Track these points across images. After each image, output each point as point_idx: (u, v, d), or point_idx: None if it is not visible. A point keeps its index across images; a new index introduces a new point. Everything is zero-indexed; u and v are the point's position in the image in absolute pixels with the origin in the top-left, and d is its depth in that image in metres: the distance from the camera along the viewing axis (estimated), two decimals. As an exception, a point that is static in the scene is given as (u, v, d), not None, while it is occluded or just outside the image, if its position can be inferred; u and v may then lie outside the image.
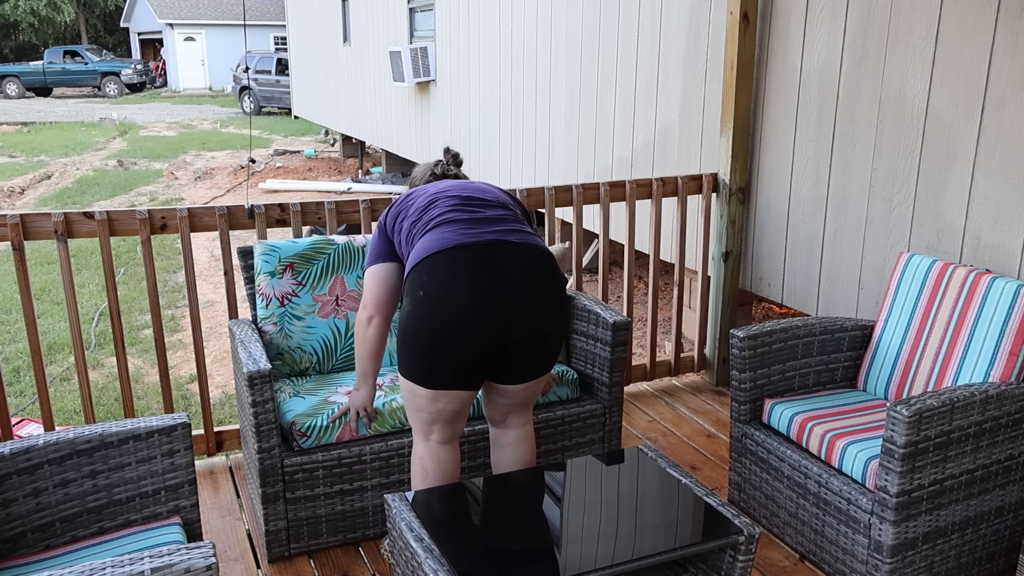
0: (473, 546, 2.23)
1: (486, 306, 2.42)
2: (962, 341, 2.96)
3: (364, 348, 2.78)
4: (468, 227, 2.54)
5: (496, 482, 2.56)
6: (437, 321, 2.42)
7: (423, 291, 2.45)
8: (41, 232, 3.25)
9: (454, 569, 2.13)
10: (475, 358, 2.46)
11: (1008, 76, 3.07)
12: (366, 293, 2.75)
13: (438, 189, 2.74)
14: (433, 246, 2.50)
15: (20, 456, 2.25)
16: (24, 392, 5.75)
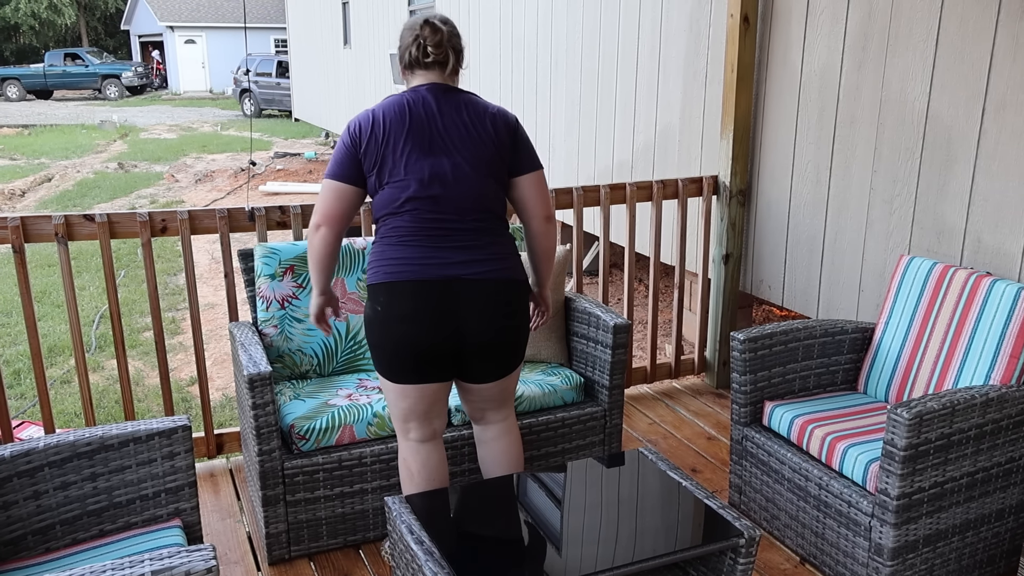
0: (474, 548, 2.23)
1: (438, 333, 2.55)
2: (963, 344, 2.96)
3: (311, 257, 2.65)
4: (432, 253, 2.54)
5: (497, 484, 2.56)
6: (394, 334, 2.56)
7: (382, 308, 2.57)
8: (42, 235, 3.25)
9: (455, 571, 2.13)
10: (429, 358, 2.57)
11: (1009, 78, 3.08)
12: (320, 203, 2.59)
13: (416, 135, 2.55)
14: (396, 272, 2.54)
15: (20, 459, 2.25)
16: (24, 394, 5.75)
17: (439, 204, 2.53)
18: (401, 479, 2.76)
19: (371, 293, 2.60)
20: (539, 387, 3.28)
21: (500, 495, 2.50)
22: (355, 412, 3.02)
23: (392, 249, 2.55)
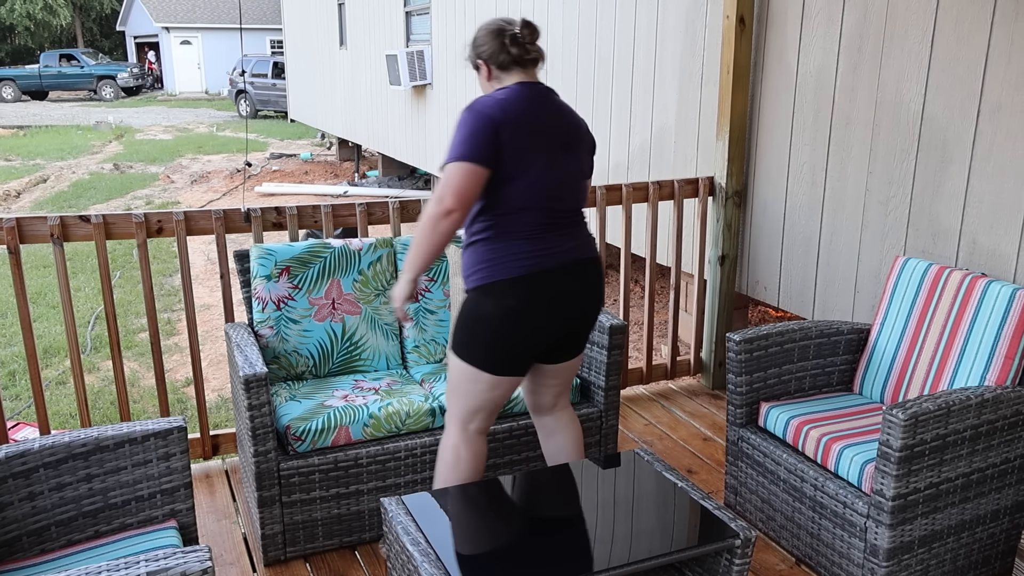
0: (469, 550, 2.23)
1: (572, 316, 2.69)
2: (958, 345, 2.97)
3: (432, 242, 2.54)
4: (557, 242, 2.65)
5: (493, 486, 2.55)
6: (532, 323, 2.63)
7: (518, 302, 2.60)
8: (37, 236, 3.25)
9: (450, 573, 2.13)
10: (554, 344, 2.75)
11: (1004, 80, 3.08)
12: (454, 186, 2.49)
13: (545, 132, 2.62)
14: (526, 265, 2.60)
15: (15, 460, 2.25)
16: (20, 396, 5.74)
17: (562, 201, 2.65)
18: (443, 466, 2.76)
19: (498, 289, 2.59)
20: (535, 388, 3.28)
21: (496, 496, 2.50)
22: (351, 413, 3.02)
23: (521, 244, 2.59)
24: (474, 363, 2.65)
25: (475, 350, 2.64)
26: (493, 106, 2.54)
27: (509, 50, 2.65)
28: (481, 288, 2.62)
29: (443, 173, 2.52)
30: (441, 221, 2.51)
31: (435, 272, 3.51)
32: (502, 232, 2.60)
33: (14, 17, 40.79)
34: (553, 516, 2.39)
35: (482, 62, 2.70)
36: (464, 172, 2.49)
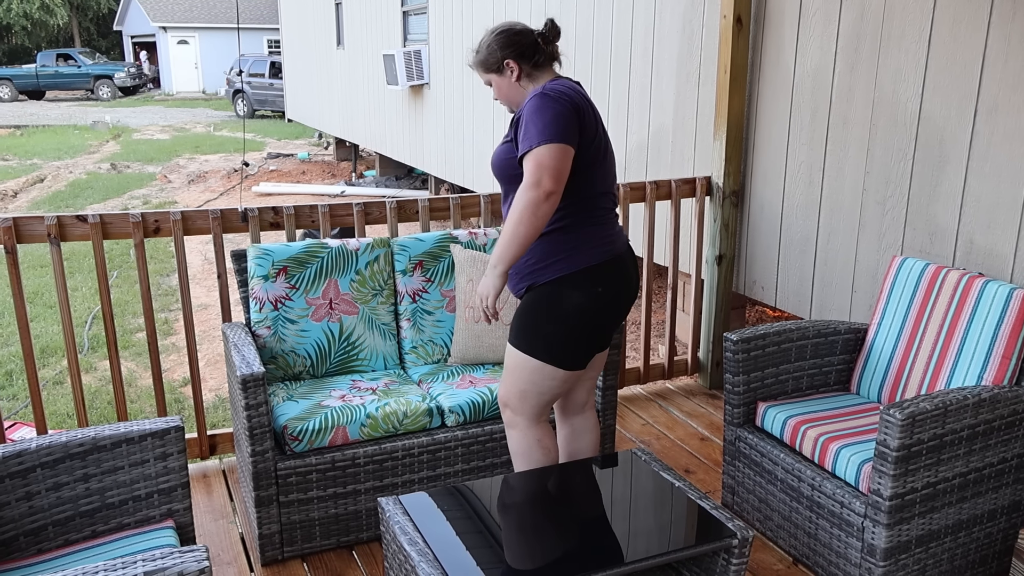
0: (467, 550, 2.23)
1: (627, 306, 2.75)
2: (955, 344, 2.97)
3: (535, 229, 2.48)
4: (616, 226, 2.75)
5: (490, 486, 2.56)
6: (607, 316, 2.67)
7: (604, 288, 2.64)
8: (34, 235, 3.24)
9: (448, 572, 2.13)
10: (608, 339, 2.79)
11: (1000, 80, 3.09)
12: (550, 167, 2.45)
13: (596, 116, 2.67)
14: (608, 250, 2.67)
15: (12, 460, 2.25)
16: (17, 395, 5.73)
17: (616, 187, 2.77)
18: (527, 460, 2.77)
19: (585, 278, 2.61)
20: (532, 388, 3.28)
21: (493, 496, 2.50)
22: (348, 413, 3.02)
23: (599, 229, 2.66)
24: (555, 360, 2.64)
25: (558, 346, 2.63)
26: (568, 91, 2.56)
27: (544, 48, 2.73)
28: (564, 279, 2.61)
29: (534, 156, 2.46)
30: (542, 205, 2.45)
31: (432, 272, 3.51)
32: (582, 219, 2.63)
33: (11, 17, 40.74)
34: (550, 516, 2.39)
35: (512, 62, 2.71)
36: (559, 153, 2.47)
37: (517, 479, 2.59)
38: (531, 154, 2.47)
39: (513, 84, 2.72)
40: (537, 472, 2.64)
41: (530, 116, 2.52)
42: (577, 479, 2.59)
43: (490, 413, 3.20)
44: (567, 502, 2.46)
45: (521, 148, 2.52)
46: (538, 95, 2.54)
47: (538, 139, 2.47)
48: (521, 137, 2.53)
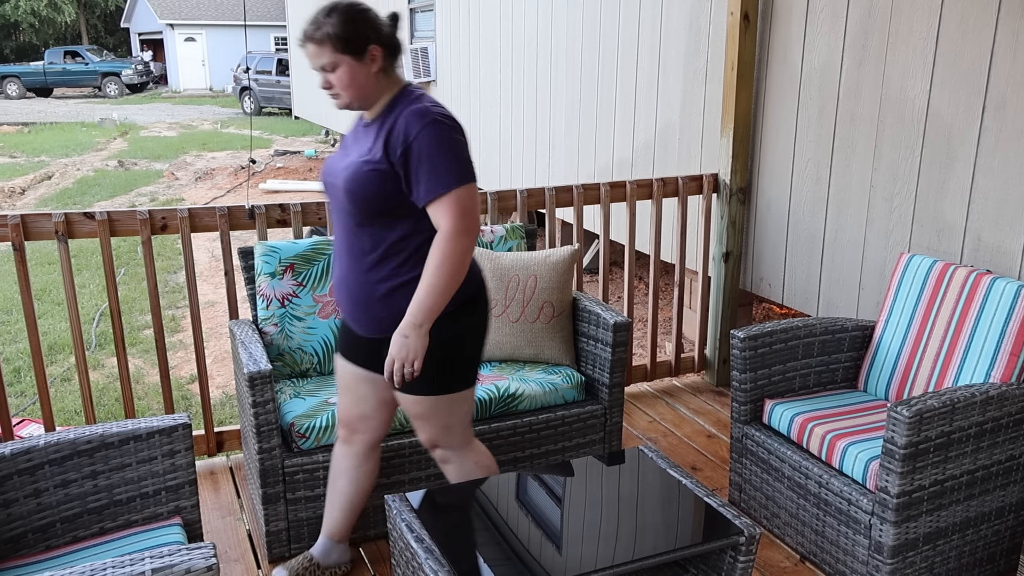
0: (473, 547, 2.23)
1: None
2: (963, 342, 2.96)
3: (462, 267, 2.33)
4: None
5: (496, 482, 2.56)
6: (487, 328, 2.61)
7: (484, 310, 2.57)
8: (42, 232, 3.25)
9: (454, 570, 2.13)
10: None
11: (1009, 76, 3.07)
12: (474, 211, 2.33)
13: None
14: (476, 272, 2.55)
15: (21, 456, 2.26)
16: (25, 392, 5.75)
17: None
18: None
19: (471, 303, 2.50)
20: (540, 386, 3.28)
21: (500, 493, 2.50)
22: (355, 410, 3.02)
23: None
24: (468, 384, 2.56)
25: (467, 371, 2.54)
26: (454, 118, 2.36)
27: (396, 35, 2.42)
28: (464, 306, 2.47)
29: (457, 200, 2.28)
30: (471, 251, 2.34)
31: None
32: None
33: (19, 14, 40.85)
34: (557, 513, 2.39)
35: (377, 50, 2.36)
36: (474, 192, 2.33)
37: (524, 476, 2.59)
38: (450, 197, 2.27)
39: (371, 77, 2.35)
40: (543, 469, 2.64)
41: (437, 150, 2.27)
42: (584, 476, 2.59)
43: (497, 411, 3.20)
44: (574, 499, 2.46)
45: (432, 189, 2.28)
46: (435, 122, 2.28)
47: (458, 179, 2.28)
48: (426, 174, 2.28)
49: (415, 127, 2.28)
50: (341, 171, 2.40)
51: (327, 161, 2.51)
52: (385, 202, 2.34)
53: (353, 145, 2.46)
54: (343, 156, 2.46)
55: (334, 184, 2.43)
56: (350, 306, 2.51)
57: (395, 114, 2.34)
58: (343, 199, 2.38)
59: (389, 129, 2.33)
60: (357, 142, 2.45)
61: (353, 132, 2.52)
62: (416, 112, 2.29)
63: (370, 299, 2.45)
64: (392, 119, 2.34)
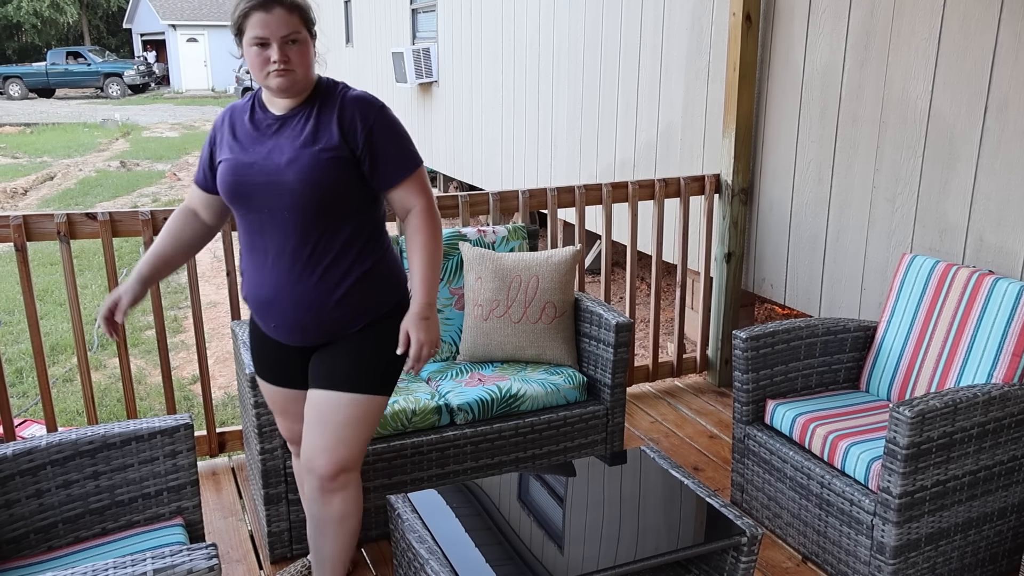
0: (476, 547, 2.23)
1: None
2: (965, 342, 2.96)
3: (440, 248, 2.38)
4: None
5: (499, 483, 2.56)
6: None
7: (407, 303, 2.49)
8: (44, 233, 3.25)
9: (457, 570, 2.13)
10: None
11: (1011, 77, 3.07)
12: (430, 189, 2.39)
13: None
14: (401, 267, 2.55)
15: (23, 457, 2.26)
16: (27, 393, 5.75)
17: None
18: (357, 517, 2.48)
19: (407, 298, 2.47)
20: (542, 386, 3.28)
21: (502, 493, 2.50)
22: (357, 410, 3.02)
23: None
24: (392, 387, 2.46)
25: (396, 373, 2.45)
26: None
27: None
28: (400, 304, 2.43)
29: (421, 177, 2.35)
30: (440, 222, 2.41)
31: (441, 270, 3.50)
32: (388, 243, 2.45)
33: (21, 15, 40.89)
34: (559, 513, 2.39)
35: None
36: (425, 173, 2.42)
37: (526, 476, 2.59)
38: (417, 175, 2.34)
39: (312, 59, 2.32)
40: (545, 469, 2.64)
41: (397, 132, 2.31)
42: (586, 476, 2.59)
43: (499, 411, 3.20)
44: (576, 499, 2.46)
45: (401, 169, 2.31)
46: (384, 107, 2.32)
47: (417, 159, 2.35)
48: (392, 156, 2.30)
49: (371, 111, 2.28)
50: (287, 166, 2.22)
51: (235, 163, 2.29)
52: (344, 192, 2.26)
53: (267, 139, 2.28)
54: (266, 152, 2.26)
55: (276, 182, 2.23)
56: (292, 319, 2.34)
57: (332, 102, 2.29)
58: (294, 196, 2.23)
59: (338, 116, 2.27)
60: (272, 136, 2.28)
61: (248, 127, 2.33)
62: (362, 97, 2.31)
63: (323, 306, 2.32)
64: (331, 107, 2.29)
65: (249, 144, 2.30)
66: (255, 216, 2.30)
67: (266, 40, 2.19)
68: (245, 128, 2.33)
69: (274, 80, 2.21)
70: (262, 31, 2.19)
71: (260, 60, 2.20)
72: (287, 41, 2.21)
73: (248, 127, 2.32)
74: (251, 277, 2.38)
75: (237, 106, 2.40)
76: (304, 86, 2.29)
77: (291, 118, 2.30)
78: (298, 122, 2.28)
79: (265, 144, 2.28)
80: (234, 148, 2.31)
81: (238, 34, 2.25)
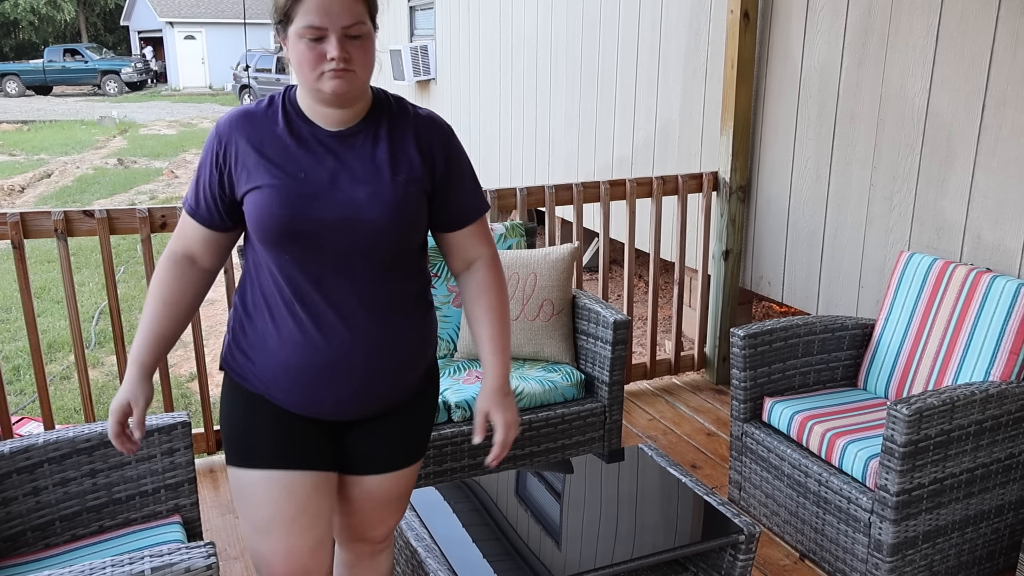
0: (474, 545, 2.23)
1: None
2: (962, 340, 2.96)
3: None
4: None
5: (496, 481, 2.56)
6: None
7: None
8: (41, 230, 3.25)
9: (455, 568, 2.13)
10: None
11: (1009, 75, 3.07)
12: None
13: None
14: None
15: (20, 455, 2.25)
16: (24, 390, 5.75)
17: None
18: None
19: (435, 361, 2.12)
20: (539, 384, 3.28)
21: (500, 492, 2.50)
22: (355, 408, 3.02)
23: None
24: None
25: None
26: None
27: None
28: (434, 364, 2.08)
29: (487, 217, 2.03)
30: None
31: (439, 267, 3.50)
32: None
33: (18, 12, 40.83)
34: (557, 511, 2.39)
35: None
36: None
37: (524, 474, 2.59)
38: (487, 217, 2.01)
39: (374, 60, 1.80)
40: (543, 467, 2.64)
41: (470, 165, 1.96)
42: (584, 474, 2.59)
43: (496, 408, 3.19)
44: (574, 497, 2.46)
45: (479, 206, 1.97)
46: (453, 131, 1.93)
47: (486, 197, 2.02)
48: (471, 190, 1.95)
49: (448, 137, 1.91)
50: (369, 200, 1.77)
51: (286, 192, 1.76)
52: (424, 232, 1.92)
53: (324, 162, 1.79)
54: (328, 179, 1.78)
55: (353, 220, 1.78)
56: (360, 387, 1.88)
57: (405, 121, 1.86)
58: (377, 238, 1.80)
59: (416, 140, 1.85)
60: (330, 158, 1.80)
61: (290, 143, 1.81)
62: (434, 118, 1.91)
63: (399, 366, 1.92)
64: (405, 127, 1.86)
65: (297, 167, 1.78)
66: (312, 262, 1.80)
67: (323, 31, 1.69)
68: (284, 144, 1.80)
69: (330, 82, 1.72)
70: (319, 19, 1.68)
71: (313, 56, 1.71)
72: (349, 34, 1.71)
73: (289, 143, 1.80)
74: (290, 342, 1.85)
75: (255, 113, 1.85)
76: (361, 93, 1.81)
77: (352, 136, 1.82)
78: (364, 142, 1.82)
79: (324, 168, 1.79)
80: (274, 172, 1.78)
81: (282, 21, 1.76)
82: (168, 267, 1.92)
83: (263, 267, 1.86)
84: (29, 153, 17.47)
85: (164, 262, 1.92)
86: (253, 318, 1.90)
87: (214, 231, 1.90)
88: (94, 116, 24.24)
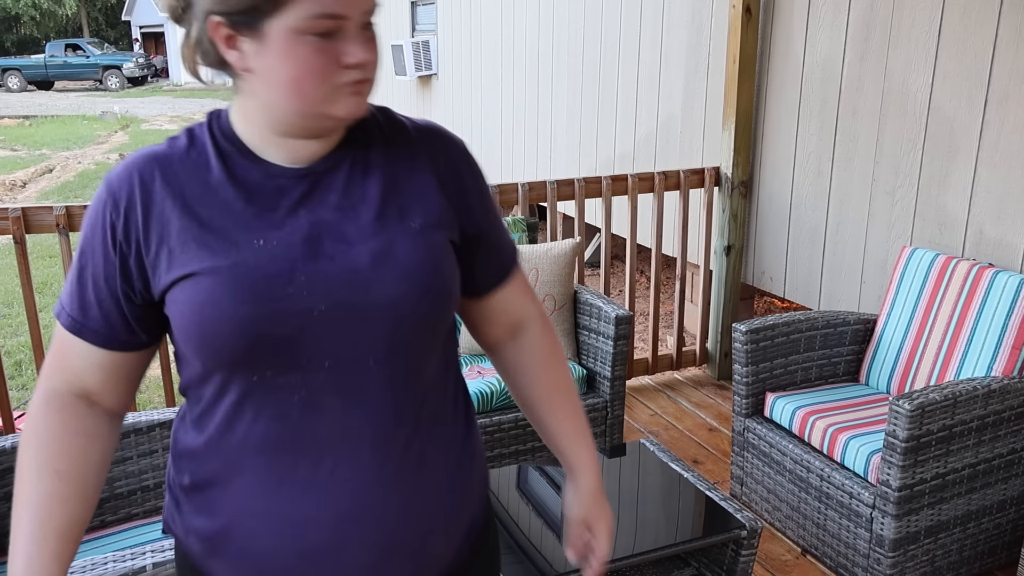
0: (475, 540, 2.23)
1: None
2: (965, 335, 2.96)
3: None
4: None
5: (497, 476, 2.56)
6: None
7: None
8: (43, 226, 3.25)
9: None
10: None
11: (1011, 70, 3.07)
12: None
13: None
14: None
15: (22, 450, 2.25)
16: (26, 386, 5.75)
17: None
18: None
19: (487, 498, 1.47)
20: (540, 378, 3.28)
21: (501, 487, 2.50)
22: (356, 403, 3.02)
23: None
24: None
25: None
26: None
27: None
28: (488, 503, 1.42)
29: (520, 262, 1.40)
30: None
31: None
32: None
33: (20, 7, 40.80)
34: (558, 505, 2.39)
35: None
36: None
37: (524, 469, 2.59)
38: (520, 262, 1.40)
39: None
40: (543, 462, 2.64)
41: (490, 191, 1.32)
42: (585, 470, 2.59)
43: (498, 403, 3.20)
44: (575, 493, 2.46)
45: (512, 258, 1.37)
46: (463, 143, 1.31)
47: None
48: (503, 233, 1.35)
49: (464, 151, 1.29)
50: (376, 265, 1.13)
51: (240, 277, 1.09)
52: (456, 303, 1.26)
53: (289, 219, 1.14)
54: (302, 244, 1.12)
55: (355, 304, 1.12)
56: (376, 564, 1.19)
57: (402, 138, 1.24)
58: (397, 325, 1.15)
59: (428, 162, 1.23)
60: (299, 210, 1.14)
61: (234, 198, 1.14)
62: (439, 129, 1.29)
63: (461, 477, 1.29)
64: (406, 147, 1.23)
65: (251, 233, 1.12)
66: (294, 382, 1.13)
67: (342, 20, 1.07)
68: (223, 200, 1.14)
69: (349, 102, 1.12)
70: (337, 4, 1.06)
71: (324, 62, 1.08)
72: (364, 22, 1.11)
73: (233, 197, 1.14)
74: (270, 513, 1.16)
75: (170, 157, 1.17)
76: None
77: (328, 172, 1.18)
78: (349, 178, 1.18)
79: (294, 227, 1.13)
80: (216, 246, 1.11)
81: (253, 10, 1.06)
82: (54, 418, 1.19)
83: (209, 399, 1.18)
84: (31, 148, 17.47)
85: (44, 411, 1.19)
86: (201, 478, 1.20)
87: (116, 352, 1.19)
88: (96, 111, 24.24)
